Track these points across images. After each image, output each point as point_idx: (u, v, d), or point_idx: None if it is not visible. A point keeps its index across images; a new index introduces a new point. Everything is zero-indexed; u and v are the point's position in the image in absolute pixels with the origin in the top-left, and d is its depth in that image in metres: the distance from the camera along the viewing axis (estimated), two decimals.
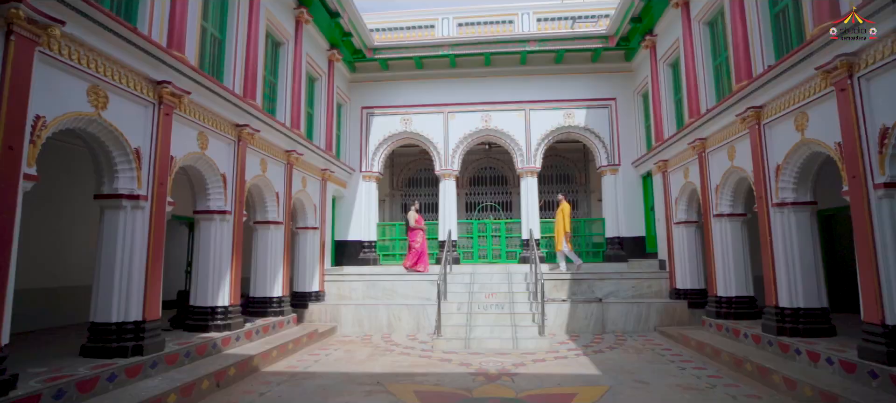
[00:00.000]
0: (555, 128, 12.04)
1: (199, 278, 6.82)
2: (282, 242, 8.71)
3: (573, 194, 15.01)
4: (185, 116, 6.15)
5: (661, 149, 9.91)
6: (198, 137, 6.45)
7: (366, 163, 12.49)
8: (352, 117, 12.66)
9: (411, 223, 11.26)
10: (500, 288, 9.62)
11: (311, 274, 10.27)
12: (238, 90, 7.44)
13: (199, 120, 6.42)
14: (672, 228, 9.79)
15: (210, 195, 6.91)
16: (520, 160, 12.11)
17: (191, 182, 7.02)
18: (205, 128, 6.56)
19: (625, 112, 11.97)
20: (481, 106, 12.28)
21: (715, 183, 7.96)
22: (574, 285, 10.16)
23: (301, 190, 9.73)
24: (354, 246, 12.23)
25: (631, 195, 11.72)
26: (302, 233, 10.28)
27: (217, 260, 6.87)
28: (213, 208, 6.91)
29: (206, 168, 6.78)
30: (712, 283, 8.11)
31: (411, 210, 11.50)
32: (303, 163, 9.63)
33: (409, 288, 10.49)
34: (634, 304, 9.44)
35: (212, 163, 6.76)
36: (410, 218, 11.33)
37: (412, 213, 11.39)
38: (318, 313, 10.03)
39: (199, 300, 6.78)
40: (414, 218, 11.31)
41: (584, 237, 11.97)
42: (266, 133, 8.00)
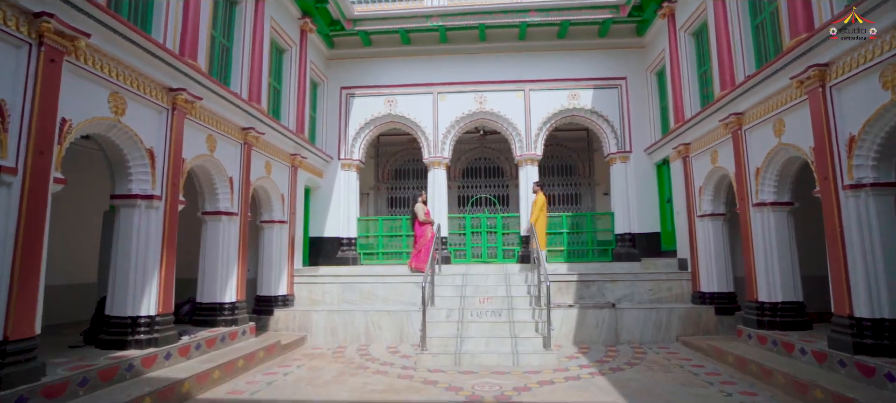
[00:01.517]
0: (558, 111, 10.68)
1: (116, 281, 5.38)
2: (236, 237, 7.29)
3: (575, 187, 13.67)
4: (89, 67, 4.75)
5: (681, 131, 8.58)
6: (109, 98, 5.03)
7: (345, 150, 11.07)
8: (329, 98, 11.24)
9: (420, 216, 9.87)
10: (497, 292, 8.26)
11: (278, 276, 8.85)
12: (172, 46, 6.01)
13: (111, 76, 5.00)
14: (695, 222, 8.47)
15: (132, 176, 5.48)
16: (518, 147, 10.74)
17: (108, 162, 5.59)
18: (120, 88, 5.13)
19: (636, 92, 10.64)
20: (475, 86, 10.91)
21: (755, 165, 6.64)
22: (581, 288, 8.80)
23: (264, 177, 8.31)
24: (331, 243, 10.81)
25: (644, 186, 10.39)
26: (267, 228, 8.85)
27: (140, 259, 5.44)
28: (137, 192, 5.48)
29: (125, 141, 5.36)
30: (751, 286, 6.78)
31: (419, 201, 10.09)
32: (265, 145, 8.21)
33: (391, 291, 9.09)
34: (652, 310, 8.10)
35: (133, 135, 5.33)
36: (419, 211, 9.93)
37: (421, 205, 9.98)
38: (285, 320, 8.61)
39: (117, 308, 5.34)
40: (423, 210, 9.91)
41: (590, 234, 10.62)
42: (212, 103, 6.59)
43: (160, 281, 5.57)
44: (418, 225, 9.89)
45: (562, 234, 10.64)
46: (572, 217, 10.87)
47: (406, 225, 11.04)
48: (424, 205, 10.08)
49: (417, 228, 9.90)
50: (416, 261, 9.60)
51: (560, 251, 10.50)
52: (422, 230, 9.85)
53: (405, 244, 10.94)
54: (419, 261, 9.54)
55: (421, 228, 9.88)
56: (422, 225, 9.88)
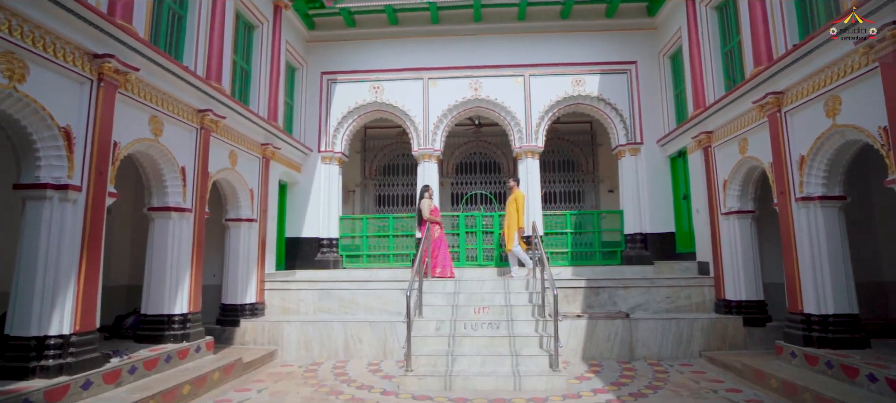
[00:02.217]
0: (561, 99, 9.67)
1: (19, 292, 4.29)
2: (190, 237, 6.22)
3: (578, 184, 12.64)
4: None
5: (702, 118, 7.59)
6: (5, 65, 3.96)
7: (326, 142, 10.00)
8: (309, 85, 10.17)
9: (426, 213, 8.50)
10: (495, 300, 7.22)
11: (246, 281, 7.78)
12: (105, 7, 4.93)
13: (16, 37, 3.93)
14: (718, 221, 7.47)
15: (41, 163, 4.40)
16: (517, 138, 9.72)
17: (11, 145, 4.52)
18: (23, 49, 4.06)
19: (648, 78, 9.64)
20: (469, 71, 9.88)
21: (799, 153, 5.64)
22: (590, 295, 7.78)
23: (228, 168, 7.25)
24: (310, 244, 9.74)
25: (656, 181, 9.39)
26: (233, 227, 7.79)
27: (50, 263, 4.35)
28: (47, 181, 4.39)
29: (31, 119, 4.28)
30: (794, 295, 5.78)
31: (425, 196, 8.72)
32: (228, 132, 7.15)
33: (374, 299, 8.03)
34: (671, 321, 7.08)
35: (42, 112, 4.25)
36: (425, 208, 8.54)
37: (427, 201, 8.64)
38: (253, 332, 7.55)
39: (18, 328, 4.25)
40: (429, 207, 8.58)
41: (597, 234, 9.60)
42: (156, 77, 5.52)
43: (78, 291, 4.49)
44: (425, 224, 8.54)
45: (565, 235, 9.63)
46: (577, 216, 9.86)
47: (393, 224, 10.00)
48: (431, 201, 8.74)
49: (423, 228, 8.53)
50: (439, 267, 8.22)
51: (564, 253, 9.48)
52: (426, 230, 8.50)
53: (392, 245, 9.90)
54: (437, 266, 8.24)
55: (425, 228, 8.50)
56: (425, 225, 8.52)
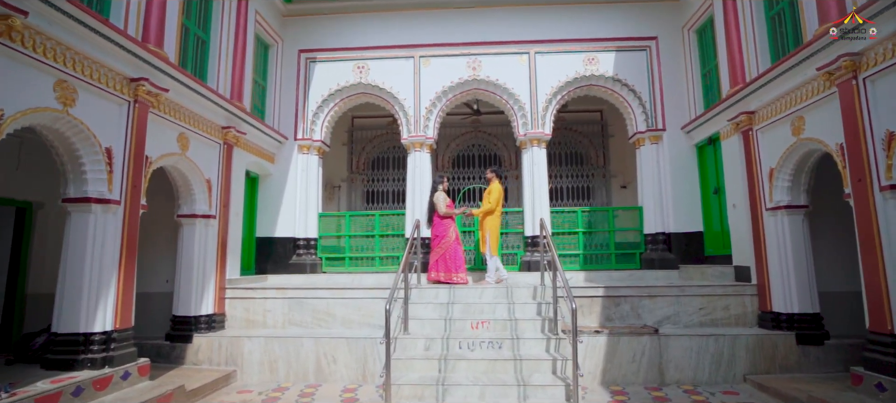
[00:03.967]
0: (571, 80, 8.46)
1: None
2: (117, 236, 4.99)
3: (586, 179, 11.42)
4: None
5: (742, 96, 6.40)
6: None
7: (303, 129, 8.79)
8: (285, 64, 8.95)
9: (441, 208, 7.34)
10: (496, 313, 6.01)
11: (201, 289, 6.55)
12: None
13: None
14: (762, 217, 6.27)
15: None
16: (521, 124, 8.52)
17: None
18: None
19: (670, 56, 8.45)
20: (467, 48, 8.67)
21: (886, 128, 4.42)
22: (609, 306, 6.56)
23: (177, 154, 6.03)
24: (285, 245, 8.52)
25: (681, 172, 8.18)
26: (187, 225, 6.57)
27: None
28: None
29: None
30: (880, 310, 4.54)
31: (439, 189, 7.52)
32: (176, 109, 5.93)
33: (354, 310, 6.80)
34: (709, 337, 5.86)
35: None
36: (440, 202, 7.37)
37: (442, 195, 7.45)
38: (208, 350, 6.32)
39: None
40: (445, 201, 7.41)
41: (612, 234, 8.40)
42: (64, 31, 4.29)
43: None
44: (437, 220, 7.36)
45: (576, 234, 8.42)
46: (589, 213, 8.65)
47: (380, 223, 8.78)
48: (447, 195, 7.53)
49: (436, 225, 7.37)
50: (437, 270, 7.17)
51: (574, 256, 8.28)
52: (442, 227, 7.32)
53: (379, 247, 8.68)
54: (441, 269, 7.13)
55: (441, 225, 7.33)
56: (442, 220, 7.34)
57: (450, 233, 7.26)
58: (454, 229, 7.32)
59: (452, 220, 7.33)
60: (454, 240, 7.22)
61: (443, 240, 7.23)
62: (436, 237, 7.31)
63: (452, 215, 7.30)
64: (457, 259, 7.15)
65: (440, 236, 7.27)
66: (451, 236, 7.25)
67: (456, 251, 7.17)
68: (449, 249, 7.17)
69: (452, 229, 7.30)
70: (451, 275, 7.04)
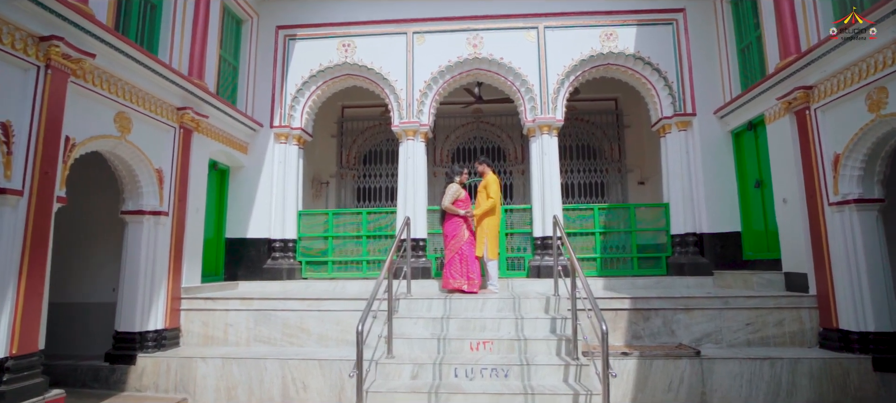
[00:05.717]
0: (587, 58, 7.38)
1: None
2: (17, 235, 3.90)
3: (600, 174, 10.32)
4: None
5: (796, 69, 5.31)
6: None
7: (281, 115, 7.73)
8: (261, 43, 7.90)
9: (444, 202, 6.22)
10: (501, 330, 4.94)
11: (149, 299, 5.49)
12: None
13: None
14: (824, 214, 5.16)
15: None
16: (530, 108, 7.44)
17: None
18: None
19: (701, 30, 7.36)
20: (467, 22, 7.61)
21: None
22: (636, 321, 5.45)
23: (115, 137, 4.99)
24: (259, 247, 7.46)
25: (715, 163, 7.08)
26: (132, 223, 5.52)
27: None
28: None
29: None
30: None
31: (455, 181, 6.32)
32: (109, 81, 4.87)
33: (331, 325, 5.72)
34: (764, 362, 4.75)
35: None
36: (447, 195, 6.21)
37: (456, 188, 6.23)
38: (154, 374, 5.26)
39: None
40: (453, 195, 6.18)
41: (634, 235, 7.29)
42: None
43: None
44: (448, 217, 6.21)
45: (592, 235, 7.33)
46: (607, 211, 7.55)
47: (367, 221, 7.71)
48: (463, 189, 6.31)
49: (447, 222, 6.22)
50: (452, 276, 6.00)
51: (591, 259, 7.19)
52: (452, 225, 6.14)
53: (367, 249, 7.60)
54: (457, 275, 5.99)
55: (451, 222, 6.15)
56: (451, 218, 6.16)
57: (461, 232, 6.12)
58: (465, 229, 6.16)
59: (465, 220, 6.19)
60: (467, 241, 6.10)
61: (453, 240, 6.10)
62: (446, 236, 6.20)
63: (457, 213, 6.16)
64: (472, 262, 6.04)
65: (451, 235, 6.14)
66: (463, 235, 6.11)
67: (470, 253, 6.06)
68: (462, 250, 6.05)
69: (465, 228, 6.17)
70: (472, 283, 5.92)
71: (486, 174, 6.32)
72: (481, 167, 6.42)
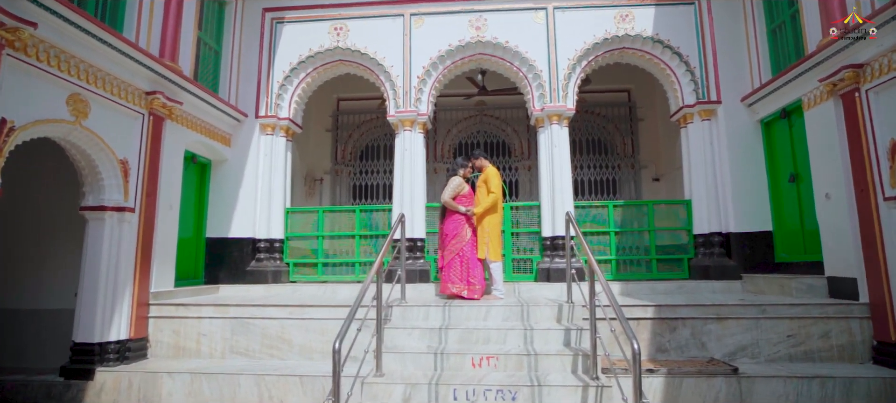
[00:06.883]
0: (600, 41, 6.74)
1: None
2: None
3: (612, 170, 9.68)
4: None
5: (841, 47, 4.66)
6: None
7: (267, 104, 7.12)
8: (246, 26, 7.30)
9: (444, 196, 5.63)
10: (507, 343, 4.31)
11: (111, 306, 4.88)
12: None
13: None
14: (879, 211, 4.51)
15: None
16: (538, 96, 6.81)
17: None
18: None
19: (726, 10, 6.70)
20: (469, 3, 6.99)
21: None
22: (661, 331, 4.81)
23: (69, 122, 4.40)
24: (242, 248, 6.84)
25: (742, 155, 6.42)
26: (93, 220, 4.92)
27: None
28: None
29: None
30: None
31: (458, 173, 5.74)
32: (60, 58, 4.26)
33: (315, 336, 5.09)
34: (812, 381, 4.10)
35: None
36: (448, 188, 5.63)
37: (458, 181, 5.65)
38: (114, 391, 4.66)
39: None
40: (457, 189, 5.61)
41: (652, 234, 6.64)
42: None
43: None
44: (448, 217, 5.62)
45: (606, 235, 6.68)
46: (622, 209, 6.90)
47: (361, 221, 7.09)
48: (466, 182, 5.73)
49: (448, 220, 5.63)
50: (451, 280, 5.38)
51: (606, 261, 6.54)
52: (453, 222, 5.56)
53: (358, 250, 6.98)
54: (456, 279, 5.37)
55: (452, 219, 5.57)
56: (451, 216, 5.59)
57: (463, 231, 5.49)
58: (467, 228, 5.54)
59: (467, 217, 5.54)
60: (469, 241, 5.46)
61: (454, 240, 5.46)
62: (446, 235, 5.55)
63: (457, 210, 5.52)
64: (474, 265, 5.41)
65: (452, 235, 5.49)
66: (465, 235, 5.47)
67: (473, 254, 5.43)
68: (463, 251, 5.42)
69: (467, 227, 5.53)
70: (473, 288, 5.29)
71: (486, 167, 5.70)
72: (479, 162, 5.79)
